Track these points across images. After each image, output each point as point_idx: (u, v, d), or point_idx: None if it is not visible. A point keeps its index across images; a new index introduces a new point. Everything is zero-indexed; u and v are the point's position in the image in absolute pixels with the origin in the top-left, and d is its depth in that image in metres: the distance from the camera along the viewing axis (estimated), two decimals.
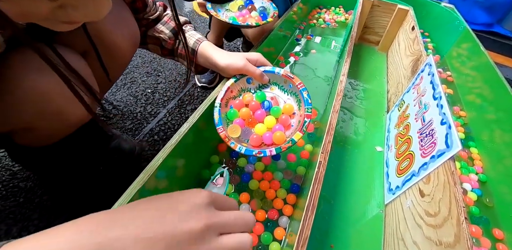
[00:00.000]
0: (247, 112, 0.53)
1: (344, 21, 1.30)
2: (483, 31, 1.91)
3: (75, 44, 0.45)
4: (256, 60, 0.55)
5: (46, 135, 0.46)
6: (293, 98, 0.56)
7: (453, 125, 0.46)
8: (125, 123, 0.85)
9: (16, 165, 0.70)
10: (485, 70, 0.85)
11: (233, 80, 0.55)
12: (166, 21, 0.59)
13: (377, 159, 0.68)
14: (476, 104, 0.84)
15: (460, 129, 0.81)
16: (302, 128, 0.49)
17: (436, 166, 0.46)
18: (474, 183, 0.65)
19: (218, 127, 0.50)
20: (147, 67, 1.07)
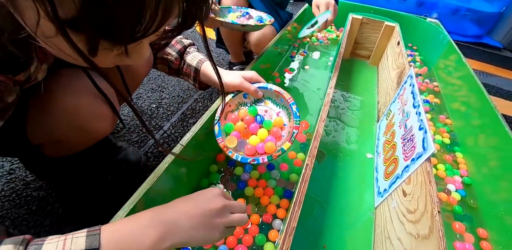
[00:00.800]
0: (242, 126, 0.60)
1: (336, 38, 1.38)
2: (473, 42, 2.00)
3: None
4: (251, 77, 0.62)
5: (72, 146, 0.52)
6: (284, 111, 0.62)
7: (429, 129, 0.51)
8: (131, 136, 0.90)
9: (29, 175, 0.75)
10: (467, 80, 0.91)
11: (231, 96, 0.62)
12: (173, 44, 0.66)
13: (368, 165, 0.72)
14: (460, 112, 0.90)
15: (446, 135, 0.85)
16: (291, 138, 0.54)
17: (415, 168, 0.50)
18: (458, 184, 0.69)
19: (218, 138, 0.56)
20: (152, 83, 1.14)
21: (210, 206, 0.36)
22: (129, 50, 0.27)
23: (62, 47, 0.25)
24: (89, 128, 0.49)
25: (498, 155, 0.67)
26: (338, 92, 1.00)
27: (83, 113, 0.47)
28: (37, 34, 0.24)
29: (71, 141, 0.51)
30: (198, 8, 0.27)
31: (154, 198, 0.45)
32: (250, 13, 0.86)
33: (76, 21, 0.22)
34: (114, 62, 0.31)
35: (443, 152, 0.81)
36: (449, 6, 2.02)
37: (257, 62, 0.84)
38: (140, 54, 0.31)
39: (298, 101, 0.95)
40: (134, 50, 0.30)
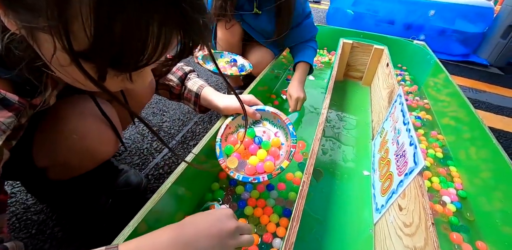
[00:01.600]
0: (241, 148, 0.63)
1: (328, 61, 1.45)
2: (461, 61, 2.09)
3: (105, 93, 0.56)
4: (249, 100, 0.66)
5: (75, 169, 0.54)
6: (281, 131, 0.65)
7: (418, 145, 0.53)
8: (133, 159, 0.92)
9: (30, 199, 0.75)
10: (454, 96, 0.95)
11: (230, 119, 0.65)
12: (175, 71, 0.71)
13: (365, 182, 0.74)
14: (451, 127, 0.93)
15: (438, 149, 0.88)
16: (289, 157, 0.57)
17: (409, 182, 0.51)
18: (453, 196, 0.71)
19: (220, 159, 0.59)
20: (153, 108, 1.18)
21: (226, 227, 0.38)
22: (133, 77, 0.30)
23: (74, 75, 0.28)
24: (93, 151, 0.51)
25: (489, 166, 0.70)
26: (334, 112, 1.04)
27: (88, 137, 0.49)
28: (52, 63, 0.27)
29: (75, 163, 0.53)
30: (195, 43, 0.30)
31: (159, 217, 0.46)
32: (237, 60, 0.96)
33: (88, 52, 0.25)
34: (120, 87, 0.34)
35: (437, 165, 0.83)
36: (435, 28, 2.14)
37: (255, 85, 0.89)
38: (142, 80, 0.34)
39: (295, 122, 0.98)
40: (138, 77, 0.33)
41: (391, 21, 2.27)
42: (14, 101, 0.31)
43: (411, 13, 2.18)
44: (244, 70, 0.91)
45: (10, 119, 0.31)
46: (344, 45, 1.21)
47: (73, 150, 0.49)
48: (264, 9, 0.93)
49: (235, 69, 0.92)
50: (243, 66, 0.94)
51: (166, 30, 0.26)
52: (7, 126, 0.31)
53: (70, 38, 0.23)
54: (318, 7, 3.69)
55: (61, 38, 0.23)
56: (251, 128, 0.66)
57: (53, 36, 0.23)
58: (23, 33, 0.25)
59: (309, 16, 1.01)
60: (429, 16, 2.13)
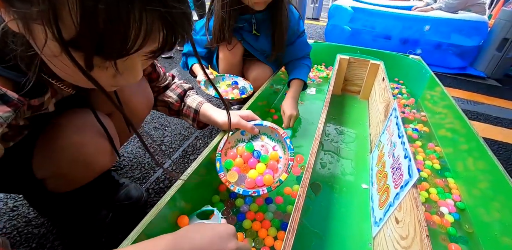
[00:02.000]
0: (241, 161, 0.64)
1: (326, 76, 1.49)
2: (458, 74, 2.12)
3: (104, 107, 0.58)
4: (247, 116, 0.68)
5: (73, 180, 0.55)
6: (279, 145, 0.67)
7: (412, 157, 0.54)
8: (134, 173, 0.93)
9: (31, 212, 0.76)
10: (450, 109, 0.97)
11: (230, 134, 0.67)
12: (174, 88, 0.74)
13: (364, 195, 0.74)
14: (448, 139, 0.94)
15: (435, 161, 0.88)
16: (287, 170, 0.59)
17: (404, 194, 0.52)
18: (451, 207, 0.71)
19: (220, 173, 0.61)
20: (155, 122, 1.21)
21: (225, 247, 0.37)
22: (121, 69, 0.32)
23: (65, 66, 0.30)
24: (90, 162, 0.52)
25: (486, 177, 0.70)
26: (332, 126, 1.05)
27: (85, 148, 0.51)
28: (45, 54, 0.29)
29: (73, 174, 0.54)
30: (176, 32, 0.31)
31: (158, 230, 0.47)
32: (238, 82, 1.00)
33: (75, 40, 0.27)
34: (111, 82, 0.36)
35: (434, 176, 0.84)
36: (431, 42, 2.19)
37: (255, 100, 0.91)
38: (132, 75, 0.36)
39: (294, 136, 1.00)
40: (126, 70, 0.34)
41: (387, 36, 2.33)
42: (13, 98, 0.34)
43: (407, 28, 2.25)
44: (245, 93, 0.95)
45: (8, 114, 0.33)
46: (341, 60, 1.24)
47: (70, 161, 0.50)
48: (262, 30, 0.97)
49: (236, 92, 0.95)
50: (244, 88, 0.98)
51: (147, 17, 0.27)
52: (4, 119, 0.33)
53: (59, 25, 0.25)
54: (317, 23, 3.80)
55: (51, 26, 0.25)
56: (250, 143, 0.68)
57: (44, 25, 0.26)
58: (20, 28, 0.28)
59: (303, 34, 1.05)
60: (424, 31, 2.19)
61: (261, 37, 0.98)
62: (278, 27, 0.94)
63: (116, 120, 0.59)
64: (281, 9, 0.92)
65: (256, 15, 0.94)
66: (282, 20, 0.93)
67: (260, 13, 0.92)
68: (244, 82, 1.00)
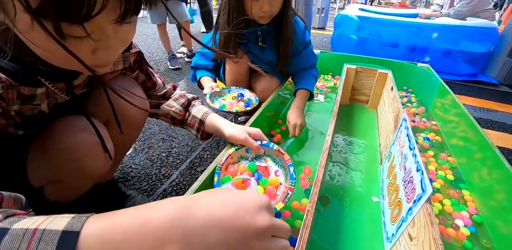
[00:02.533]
0: (240, 180, 0.60)
1: (334, 86, 1.48)
2: (470, 81, 2.08)
3: (99, 114, 0.58)
4: (255, 134, 0.66)
5: (70, 188, 0.55)
6: (282, 170, 0.64)
7: (425, 171, 0.53)
8: (141, 185, 0.93)
9: None
10: (461, 117, 0.95)
11: (234, 149, 0.65)
12: (177, 98, 0.74)
13: (375, 209, 0.72)
14: (461, 148, 0.91)
15: (448, 172, 0.86)
16: (284, 199, 0.56)
17: (417, 210, 0.50)
18: (466, 220, 0.68)
19: (216, 188, 0.58)
20: (163, 134, 1.22)
21: (255, 222, 0.26)
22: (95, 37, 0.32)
23: (42, 41, 0.30)
24: (84, 166, 0.52)
25: (503, 188, 0.67)
26: (340, 137, 1.04)
27: (78, 152, 0.51)
28: (19, 28, 0.29)
29: (68, 180, 0.53)
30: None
31: None
32: (244, 94, 1.00)
33: (41, 8, 0.27)
34: (94, 61, 0.36)
35: (448, 187, 0.81)
36: (440, 49, 2.17)
37: (262, 110, 0.91)
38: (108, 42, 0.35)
39: (303, 146, 0.98)
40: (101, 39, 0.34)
41: (394, 44, 2.32)
42: (2, 76, 0.36)
43: (414, 36, 2.24)
44: (250, 105, 0.94)
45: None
46: (348, 70, 1.24)
47: (63, 166, 0.50)
48: (268, 42, 0.98)
49: (242, 104, 0.95)
50: (250, 100, 0.97)
51: None
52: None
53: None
54: (323, 33, 3.83)
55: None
56: (253, 162, 0.66)
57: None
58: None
59: (309, 45, 1.05)
60: (432, 38, 2.18)
61: (267, 48, 0.99)
62: (283, 39, 0.95)
63: (112, 130, 0.59)
64: (286, 22, 0.92)
65: (262, 27, 0.95)
66: (286, 32, 0.94)
67: (265, 25, 0.93)
68: (250, 94, 1.00)
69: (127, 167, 1.02)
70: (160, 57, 2.44)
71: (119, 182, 0.93)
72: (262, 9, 0.83)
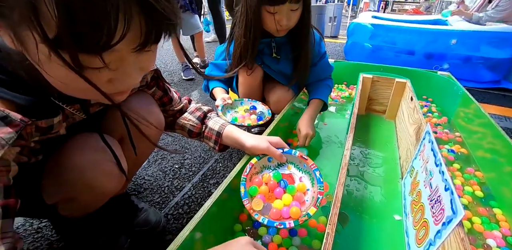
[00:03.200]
0: (266, 190, 0.61)
1: (349, 96, 1.44)
2: (492, 88, 1.99)
3: (115, 132, 0.58)
4: (276, 143, 0.66)
5: (83, 205, 0.54)
6: (307, 176, 0.64)
7: (455, 190, 0.49)
8: (153, 197, 0.92)
9: (54, 235, 0.76)
10: (488, 128, 0.90)
11: (256, 159, 0.64)
12: (193, 111, 0.74)
13: (397, 228, 0.67)
14: (489, 161, 0.85)
15: (476, 187, 0.80)
16: (316, 203, 0.55)
17: (447, 233, 0.46)
18: (499, 240, 0.63)
19: (244, 199, 0.57)
20: (176, 145, 1.21)
21: None
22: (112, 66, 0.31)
23: (60, 72, 0.30)
24: (96, 186, 0.51)
25: None
26: (357, 149, 1.00)
27: (91, 171, 0.50)
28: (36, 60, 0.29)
29: (80, 198, 0.53)
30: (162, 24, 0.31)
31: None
32: (256, 107, 0.98)
33: (58, 38, 0.26)
34: (110, 89, 0.35)
35: (477, 204, 0.76)
36: (459, 56, 2.10)
37: (277, 122, 0.90)
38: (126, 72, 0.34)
39: (317, 160, 0.95)
40: (118, 68, 0.33)
41: (410, 51, 2.27)
42: (15, 119, 0.34)
43: (431, 42, 2.18)
44: (263, 118, 0.92)
45: (10, 135, 0.33)
46: (364, 80, 1.20)
47: (76, 184, 0.50)
48: (282, 54, 0.97)
49: (254, 117, 0.94)
50: (262, 113, 0.95)
51: (124, 3, 0.27)
52: (6, 141, 0.33)
53: (41, 23, 0.26)
54: (335, 41, 3.81)
55: (36, 27, 0.26)
56: (277, 171, 0.65)
57: (30, 28, 0.26)
58: (14, 42, 0.28)
59: (324, 55, 1.04)
60: (451, 45, 2.11)
61: (281, 60, 0.98)
62: (303, 53, 0.93)
63: (126, 147, 0.59)
64: (306, 36, 0.91)
65: (276, 39, 0.94)
66: (306, 46, 0.93)
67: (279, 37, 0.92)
68: (262, 107, 0.98)
69: (140, 178, 1.01)
70: (174, 68, 2.48)
71: (131, 195, 0.92)
72: (280, 22, 0.82)
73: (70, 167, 0.49)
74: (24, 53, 0.29)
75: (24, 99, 0.36)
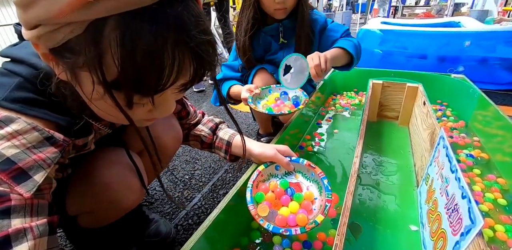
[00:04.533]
0: (273, 197, 0.60)
1: (359, 103, 1.41)
2: (511, 89, 1.91)
3: (135, 145, 0.60)
4: (284, 151, 0.66)
5: (103, 218, 0.56)
6: (315, 185, 0.62)
7: (473, 198, 0.46)
8: (164, 208, 0.92)
9: (68, 244, 0.78)
10: (508, 131, 0.85)
11: (264, 166, 0.64)
12: (206, 123, 0.76)
13: (414, 239, 0.64)
14: (510, 165, 0.80)
15: (497, 194, 0.76)
16: (324, 211, 0.53)
17: (467, 245, 0.43)
18: None
19: (249, 205, 0.56)
20: (186, 155, 1.22)
21: None
22: (156, 103, 0.33)
23: (107, 107, 0.33)
24: (118, 200, 0.53)
25: None
26: (369, 157, 0.97)
27: (113, 186, 0.51)
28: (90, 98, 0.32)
29: (101, 211, 0.54)
30: (207, 69, 0.34)
31: None
32: (287, 92, 0.88)
33: (117, 81, 0.29)
34: (147, 117, 0.38)
35: (500, 211, 0.71)
36: (474, 58, 2.03)
37: (286, 129, 0.88)
38: (165, 107, 0.37)
39: (326, 169, 0.93)
40: (160, 104, 0.36)
41: (423, 55, 2.22)
42: (59, 139, 0.36)
43: (443, 45, 2.12)
44: (300, 103, 0.83)
45: (55, 154, 0.35)
46: (374, 86, 1.18)
47: (98, 198, 0.51)
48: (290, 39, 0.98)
49: (289, 103, 0.83)
50: (297, 97, 0.85)
51: (179, 52, 0.29)
52: (52, 160, 0.35)
53: (103, 69, 0.28)
54: None
55: (96, 71, 0.28)
56: (284, 179, 0.64)
57: (90, 72, 0.29)
58: (68, 77, 0.31)
59: (333, 22, 1.02)
60: (464, 47, 2.05)
61: (288, 46, 0.98)
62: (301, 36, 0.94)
63: (145, 158, 0.60)
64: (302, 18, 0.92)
65: (283, 22, 0.95)
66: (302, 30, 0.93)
67: (287, 20, 0.94)
68: (295, 91, 0.88)
69: (151, 189, 1.02)
70: None
71: (142, 205, 0.93)
72: (276, 0, 0.83)
73: (96, 180, 0.50)
74: (75, 87, 0.32)
75: (63, 119, 0.38)
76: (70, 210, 0.53)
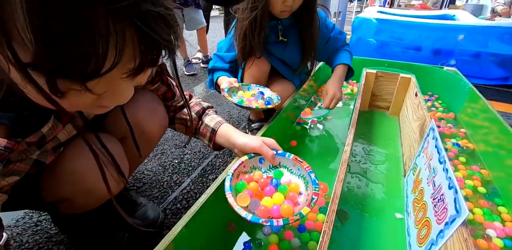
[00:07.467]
0: (256, 186, 0.55)
1: (351, 92, 1.41)
2: (501, 85, 1.94)
3: (117, 131, 0.57)
4: (270, 144, 0.62)
5: (82, 205, 0.54)
6: (301, 180, 0.58)
7: (459, 189, 0.47)
8: (152, 192, 0.91)
9: (53, 228, 0.76)
10: (495, 124, 0.88)
11: (247, 157, 0.60)
12: (192, 106, 0.71)
13: (399, 226, 0.66)
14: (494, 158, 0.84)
15: (477, 183, 0.80)
16: (310, 203, 0.49)
17: (450, 233, 0.44)
18: (499, 231, 0.62)
19: (227, 192, 0.51)
20: (176, 140, 1.20)
21: None
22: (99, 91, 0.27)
23: (36, 94, 0.26)
24: (93, 189, 0.51)
25: None
26: (359, 146, 0.98)
27: (88, 176, 0.49)
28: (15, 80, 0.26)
29: (79, 200, 0.52)
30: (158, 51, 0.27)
31: None
32: (264, 93, 0.92)
33: (34, 63, 0.23)
34: (96, 104, 0.32)
35: (479, 197, 0.75)
36: (467, 52, 2.04)
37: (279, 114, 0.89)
38: (115, 95, 0.31)
39: (316, 157, 0.93)
40: (107, 91, 0.29)
41: (417, 47, 2.22)
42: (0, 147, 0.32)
43: (438, 38, 2.12)
44: (271, 103, 0.87)
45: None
46: (367, 75, 1.18)
47: (74, 187, 0.49)
48: (289, 37, 0.96)
49: (261, 102, 0.88)
50: (271, 99, 0.90)
51: (115, 26, 0.23)
52: None
53: (14, 46, 0.22)
54: None
55: (6, 51, 0.22)
56: (278, 169, 0.61)
57: (1, 52, 0.23)
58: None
59: (334, 28, 1.04)
60: (458, 41, 2.06)
61: (289, 44, 0.96)
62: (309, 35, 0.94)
63: (128, 144, 0.58)
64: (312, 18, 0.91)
65: (283, 21, 0.93)
66: (312, 29, 0.93)
67: (286, 18, 0.92)
68: (271, 93, 0.93)
69: (139, 173, 1.01)
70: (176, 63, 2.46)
71: (130, 190, 0.91)
72: (285, 3, 0.82)
73: (68, 170, 0.48)
74: None
75: (7, 118, 0.33)
76: (46, 197, 0.51)
